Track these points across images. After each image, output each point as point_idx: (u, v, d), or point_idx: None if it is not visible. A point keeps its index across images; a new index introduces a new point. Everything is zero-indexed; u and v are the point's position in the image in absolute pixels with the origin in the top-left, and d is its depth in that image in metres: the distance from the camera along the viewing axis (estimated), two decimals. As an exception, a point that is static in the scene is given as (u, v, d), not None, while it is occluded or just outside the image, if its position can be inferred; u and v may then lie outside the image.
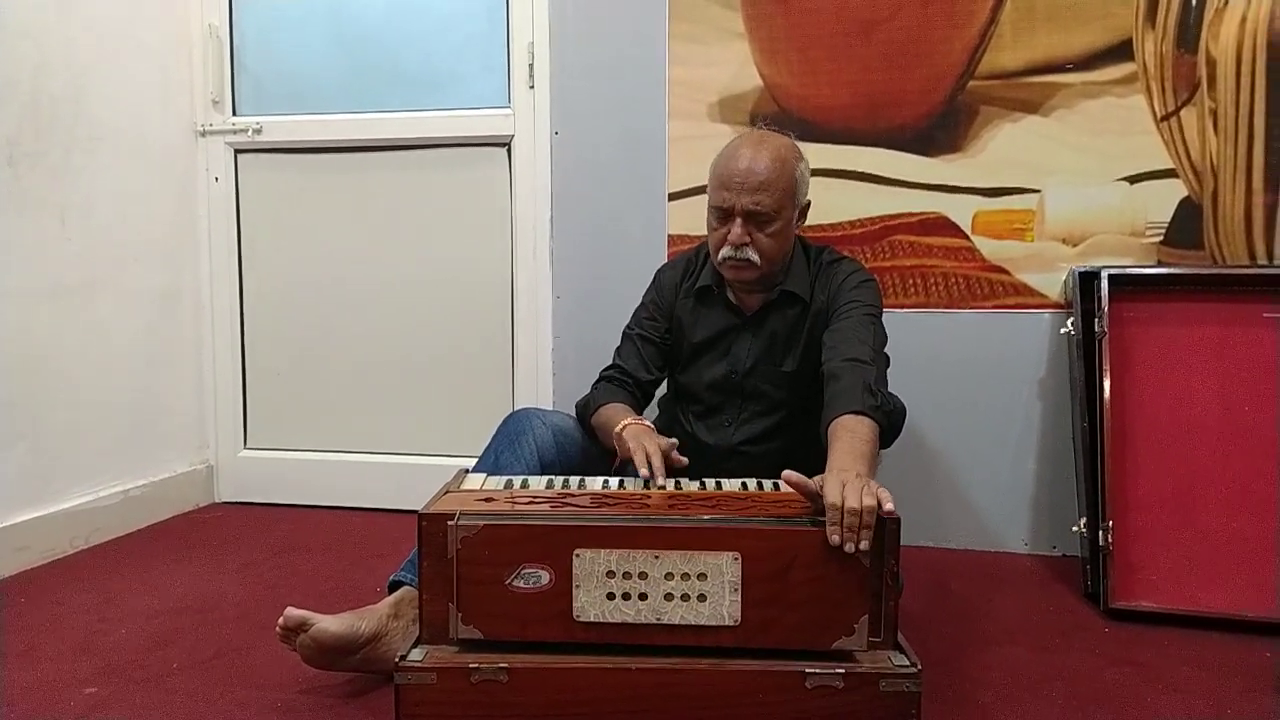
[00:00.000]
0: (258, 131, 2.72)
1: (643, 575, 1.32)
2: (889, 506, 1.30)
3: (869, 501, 1.28)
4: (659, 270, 1.99)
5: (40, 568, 2.19)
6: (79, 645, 1.75)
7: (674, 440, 1.63)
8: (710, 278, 1.85)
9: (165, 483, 2.64)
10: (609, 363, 1.92)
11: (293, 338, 2.79)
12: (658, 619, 1.32)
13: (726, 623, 1.31)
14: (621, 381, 1.86)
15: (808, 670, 1.29)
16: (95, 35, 2.39)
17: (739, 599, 1.31)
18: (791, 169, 1.71)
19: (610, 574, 1.32)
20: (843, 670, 1.29)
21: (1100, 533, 1.95)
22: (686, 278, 1.90)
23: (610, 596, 1.32)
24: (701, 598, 1.31)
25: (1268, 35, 2.12)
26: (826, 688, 1.29)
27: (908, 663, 1.31)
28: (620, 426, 1.67)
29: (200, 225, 2.77)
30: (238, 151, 2.76)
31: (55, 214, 2.29)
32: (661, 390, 1.98)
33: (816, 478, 1.36)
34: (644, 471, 1.53)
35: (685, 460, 1.60)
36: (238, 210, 2.78)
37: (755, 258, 1.71)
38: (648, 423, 1.73)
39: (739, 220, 1.69)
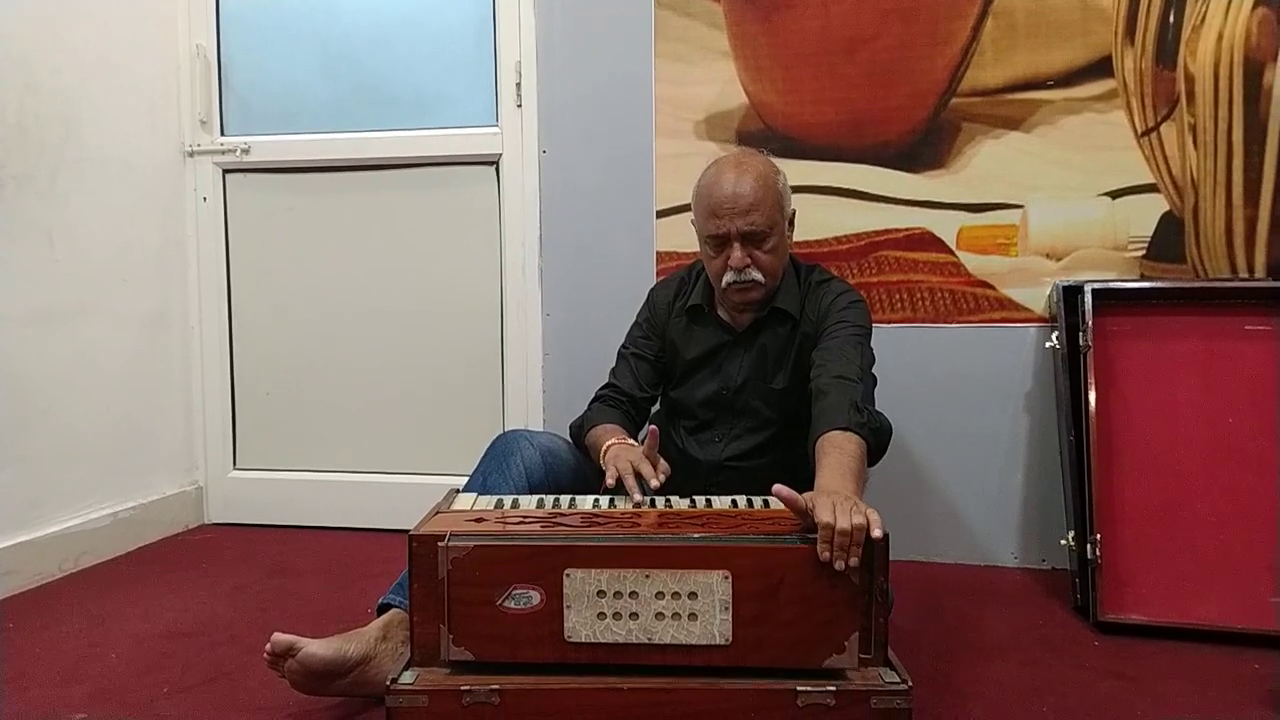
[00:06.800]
0: (245, 151, 2.72)
1: (633, 595, 1.32)
2: (877, 534, 1.28)
3: (858, 520, 1.28)
4: (653, 288, 2.01)
5: (29, 592, 2.18)
6: (69, 670, 1.74)
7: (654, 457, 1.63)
8: (701, 296, 1.86)
9: (154, 504, 2.63)
10: (600, 380, 1.94)
11: (281, 357, 2.79)
12: (649, 639, 1.32)
13: (718, 641, 1.32)
14: (616, 400, 1.88)
15: (799, 689, 1.29)
16: (83, 57, 2.40)
17: (730, 617, 1.31)
18: (774, 183, 1.74)
19: (601, 594, 1.32)
20: (834, 688, 1.29)
21: (1089, 546, 1.96)
22: (679, 296, 1.92)
23: (601, 616, 1.32)
24: (692, 616, 1.32)
25: (1244, 51, 2.15)
26: (818, 706, 1.29)
27: (898, 679, 1.31)
28: (604, 448, 1.69)
29: (188, 245, 2.77)
30: (226, 172, 2.76)
31: (43, 236, 2.29)
32: (655, 405, 1.99)
33: (806, 494, 1.36)
34: (636, 496, 1.54)
35: (658, 480, 1.58)
36: (226, 230, 2.78)
37: (759, 276, 1.73)
38: (631, 441, 1.74)
39: (737, 244, 1.70)
